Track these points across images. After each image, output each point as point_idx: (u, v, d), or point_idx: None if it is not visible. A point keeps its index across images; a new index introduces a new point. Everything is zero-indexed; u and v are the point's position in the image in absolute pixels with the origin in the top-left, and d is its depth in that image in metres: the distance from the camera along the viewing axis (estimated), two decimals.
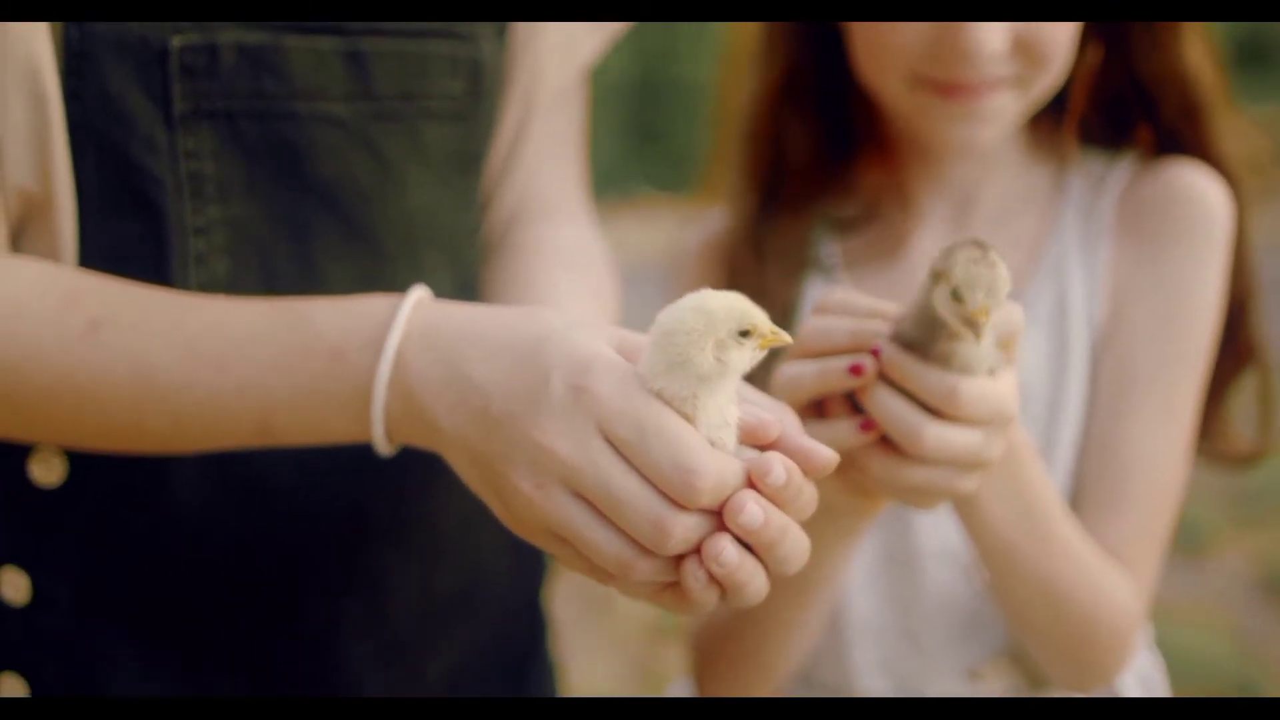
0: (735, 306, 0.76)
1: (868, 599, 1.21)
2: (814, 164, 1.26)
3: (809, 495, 0.78)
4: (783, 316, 1.19)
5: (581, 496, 0.77)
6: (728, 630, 1.16)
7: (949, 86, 1.12)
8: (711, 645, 1.19)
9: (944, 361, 0.89)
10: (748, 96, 1.28)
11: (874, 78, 1.17)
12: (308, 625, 1.02)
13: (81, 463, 0.95)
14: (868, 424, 0.92)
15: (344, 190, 0.98)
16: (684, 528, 0.75)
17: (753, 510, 0.75)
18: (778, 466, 0.76)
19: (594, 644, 3.15)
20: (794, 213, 1.26)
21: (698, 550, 0.76)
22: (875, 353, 0.90)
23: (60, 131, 0.89)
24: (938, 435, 0.89)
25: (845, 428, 0.92)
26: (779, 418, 0.81)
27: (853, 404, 0.94)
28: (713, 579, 0.77)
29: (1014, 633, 1.17)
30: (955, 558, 1.19)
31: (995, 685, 1.19)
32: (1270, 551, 3.50)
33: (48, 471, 0.95)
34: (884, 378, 0.91)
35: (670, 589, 0.79)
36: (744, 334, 0.76)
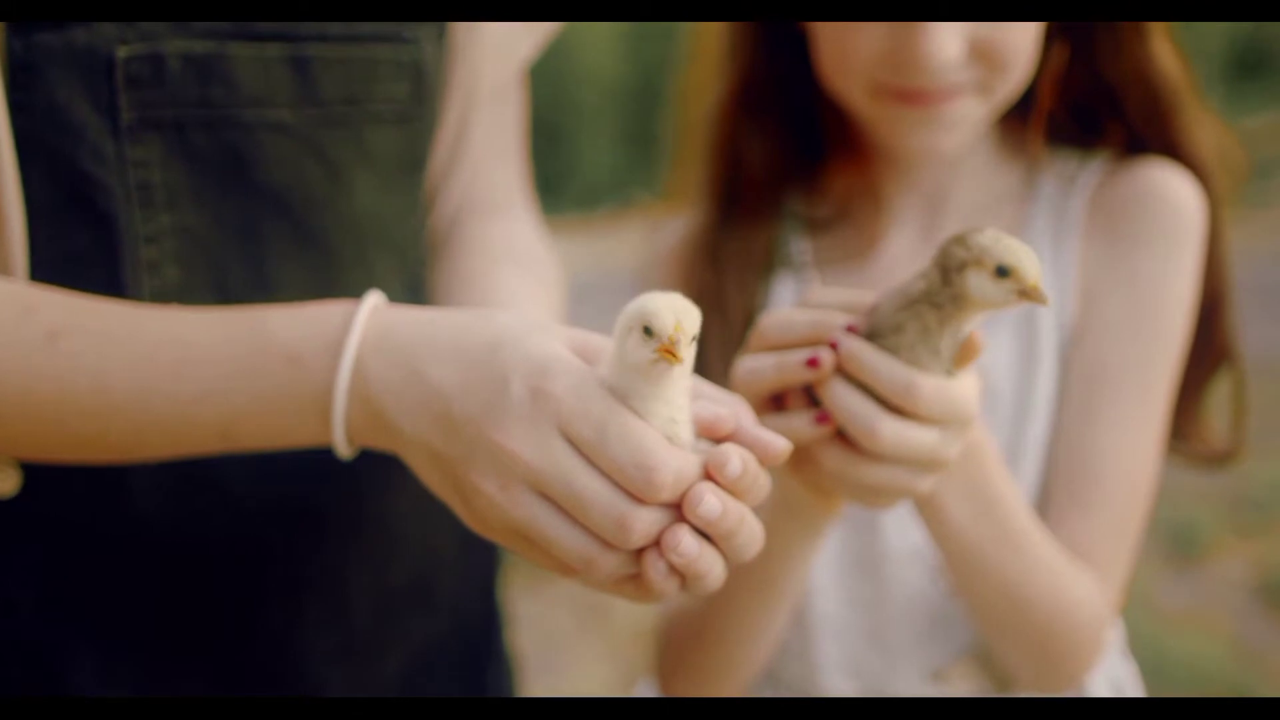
0: (646, 305, 0.78)
1: (834, 598, 1.21)
2: (775, 170, 1.26)
3: (764, 484, 0.81)
4: (743, 322, 1.20)
5: (544, 495, 0.79)
6: (693, 630, 1.16)
7: (909, 94, 1.12)
8: (677, 645, 1.18)
9: (931, 354, 0.88)
10: (710, 103, 1.28)
11: (837, 84, 1.17)
12: (267, 624, 1.03)
13: (36, 471, 0.95)
14: (823, 417, 0.91)
15: (292, 196, 0.99)
16: (645, 522, 0.77)
17: (711, 502, 0.77)
18: (734, 458, 0.78)
19: (590, 652, 3.15)
20: (754, 219, 1.26)
21: (658, 542, 0.79)
22: (834, 346, 0.90)
23: (8, 143, 0.89)
24: (894, 431, 0.89)
25: (801, 420, 0.92)
26: (733, 410, 0.83)
27: (811, 399, 0.93)
28: (673, 569, 0.79)
29: (979, 633, 1.16)
30: (922, 558, 1.18)
31: (961, 686, 1.19)
32: (1270, 559, 3.48)
33: (2, 481, 0.95)
34: (844, 373, 0.90)
35: (632, 580, 0.81)
36: (646, 331, 0.77)
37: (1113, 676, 1.25)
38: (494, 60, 1.10)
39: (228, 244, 0.97)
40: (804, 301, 0.95)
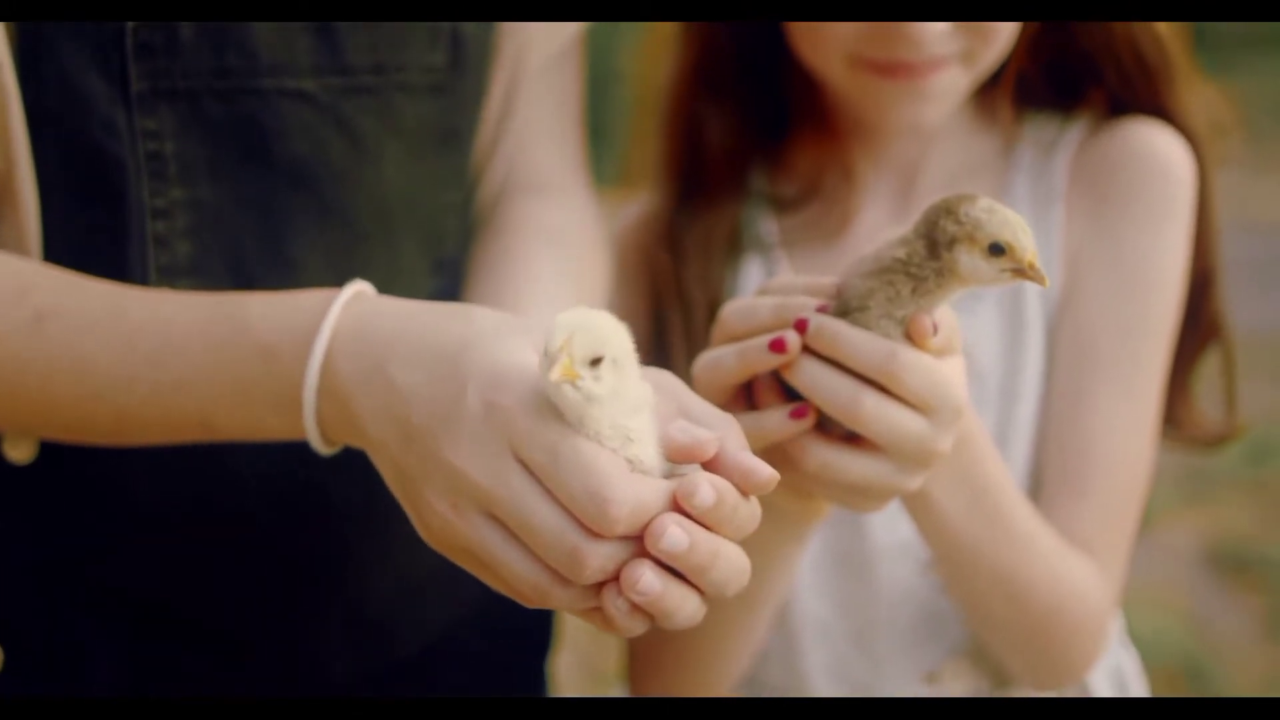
0: (557, 325, 0.70)
1: (817, 598, 1.14)
2: (737, 147, 1.19)
3: (746, 514, 0.73)
4: (707, 311, 1.12)
5: (496, 519, 0.73)
6: (665, 639, 1.09)
7: (892, 67, 1.06)
8: (649, 653, 1.12)
9: (894, 325, 0.82)
10: (664, 79, 1.21)
11: (812, 58, 1.11)
12: (282, 606, 1.00)
13: (52, 443, 0.93)
14: (800, 410, 0.84)
15: (314, 169, 0.95)
16: (600, 557, 0.70)
17: (674, 534, 0.70)
18: (704, 487, 0.70)
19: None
20: (716, 199, 1.19)
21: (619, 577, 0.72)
22: (801, 327, 0.83)
23: (18, 116, 0.87)
24: (876, 404, 0.81)
25: (776, 417, 0.84)
26: (721, 433, 0.75)
27: (786, 394, 0.86)
28: (635, 607, 0.72)
29: (973, 630, 1.10)
30: (911, 553, 1.11)
31: (954, 688, 1.13)
32: (1219, 529, 3.52)
33: (21, 449, 0.94)
34: (816, 355, 0.83)
35: (598, 611, 0.74)
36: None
37: (1113, 666, 1.20)
38: (543, 31, 1.06)
39: (244, 220, 0.94)
40: (764, 288, 0.89)
